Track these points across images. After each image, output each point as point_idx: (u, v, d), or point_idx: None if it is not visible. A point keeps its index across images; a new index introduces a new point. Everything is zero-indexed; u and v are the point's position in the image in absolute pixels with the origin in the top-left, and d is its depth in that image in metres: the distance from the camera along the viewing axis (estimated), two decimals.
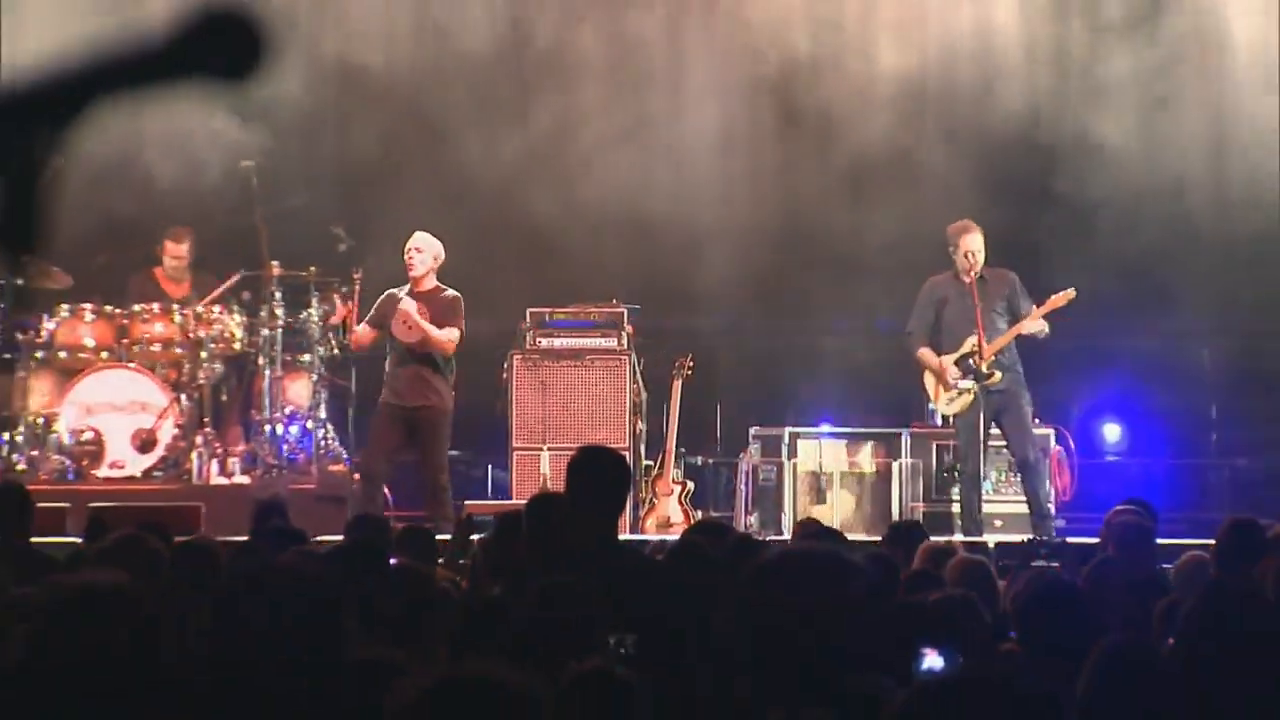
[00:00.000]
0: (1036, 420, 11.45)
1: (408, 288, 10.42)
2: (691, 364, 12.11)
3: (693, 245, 13.39)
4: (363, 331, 10.32)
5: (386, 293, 10.51)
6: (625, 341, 12.03)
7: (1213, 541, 6.88)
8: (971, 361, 10.97)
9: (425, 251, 10.44)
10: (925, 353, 11.20)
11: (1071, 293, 11.15)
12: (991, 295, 11.16)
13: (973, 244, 11.03)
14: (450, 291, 10.43)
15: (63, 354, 11.15)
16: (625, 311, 12.16)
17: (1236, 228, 13.54)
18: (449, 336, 10.02)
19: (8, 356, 10.92)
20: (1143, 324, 13.32)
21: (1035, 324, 11.13)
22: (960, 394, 11.09)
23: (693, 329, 13.29)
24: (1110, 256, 13.05)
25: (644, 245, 13.15)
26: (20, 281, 11.21)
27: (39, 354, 11.11)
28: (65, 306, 11.12)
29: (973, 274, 11.01)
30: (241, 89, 1.50)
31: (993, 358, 10.92)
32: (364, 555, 5.68)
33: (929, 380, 11.32)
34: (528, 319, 12.04)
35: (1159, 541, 7.84)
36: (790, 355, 13.93)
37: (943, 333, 11.21)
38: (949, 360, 11.06)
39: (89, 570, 4.86)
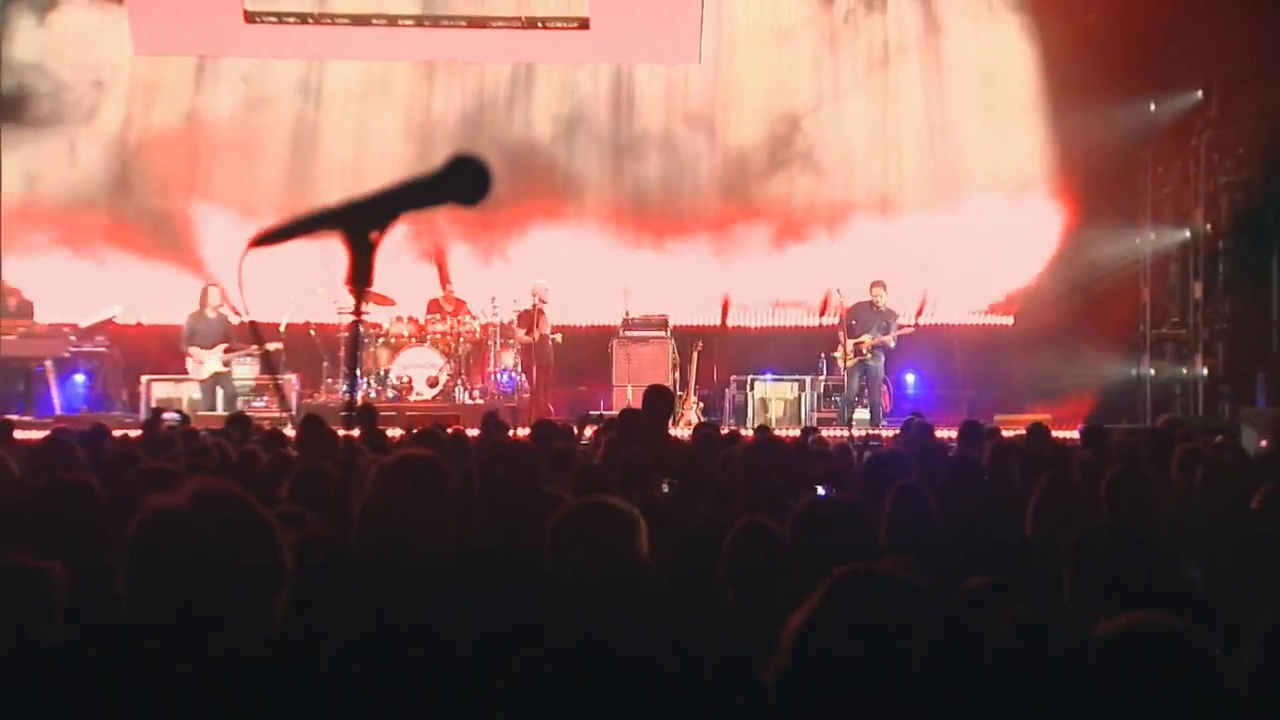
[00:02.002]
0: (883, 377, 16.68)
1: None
2: (700, 346, 16.82)
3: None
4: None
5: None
6: (667, 333, 17.04)
7: (956, 432, 10.62)
8: (859, 346, 15.95)
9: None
10: (843, 336, 16.25)
11: (887, 341, 15.95)
12: (878, 317, 16.02)
13: (879, 293, 16.06)
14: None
15: (392, 339, 16.18)
16: (668, 317, 17.19)
17: None
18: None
19: (365, 340, 15.10)
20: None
21: (888, 339, 15.97)
22: (853, 359, 16.05)
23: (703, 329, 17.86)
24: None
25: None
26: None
27: (380, 339, 16.12)
28: (393, 315, 16.31)
29: (876, 306, 16.02)
30: (477, 196, 2.26)
31: (868, 349, 15.89)
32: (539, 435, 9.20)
33: (839, 351, 16.27)
34: (620, 322, 17.07)
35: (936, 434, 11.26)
36: (749, 341, 18.08)
37: (856, 329, 16.02)
38: (850, 343, 16.04)
39: (407, 447, 6.90)
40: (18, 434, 10.58)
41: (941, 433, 11.88)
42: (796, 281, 18.11)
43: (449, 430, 9.78)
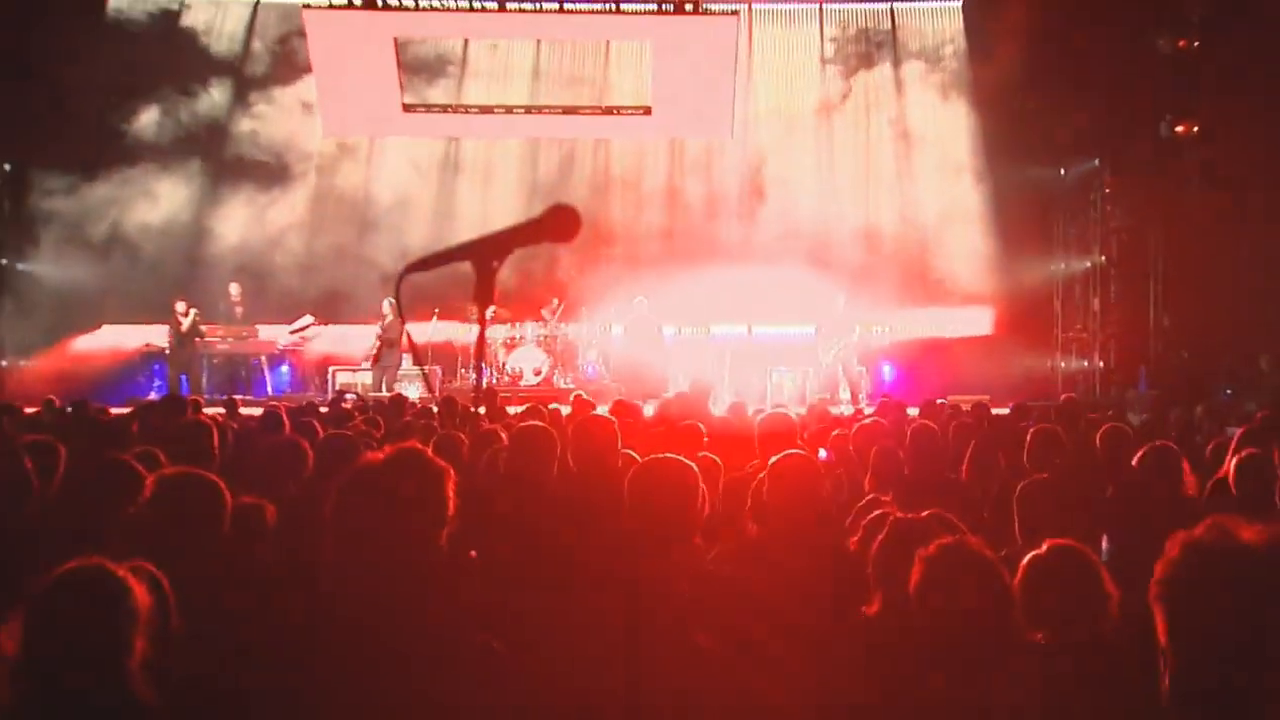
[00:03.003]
0: (861, 367, 16.36)
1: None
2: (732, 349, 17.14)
3: None
4: None
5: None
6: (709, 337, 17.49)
7: (919, 408, 10.35)
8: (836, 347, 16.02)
9: None
10: (820, 345, 16.22)
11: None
12: (841, 323, 15.98)
13: (840, 299, 16.21)
14: None
15: (508, 340, 16.59)
16: (709, 325, 17.52)
17: None
18: None
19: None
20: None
21: (848, 343, 15.97)
22: (830, 354, 16.06)
23: None
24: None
25: None
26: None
27: (499, 341, 16.37)
28: (510, 326, 16.73)
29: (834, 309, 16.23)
30: (569, 235, 2.32)
31: (834, 349, 15.82)
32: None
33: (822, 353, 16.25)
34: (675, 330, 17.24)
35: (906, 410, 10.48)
36: (768, 344, 17.72)
37: (828, 337, 16.02)
38: (824, 348, 16.07)
39: (525, 420, 7.05)
40: (242, 410, 10.87)
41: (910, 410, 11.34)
42: (801, 297, 17.54)
43: (549, 407, 9.74)
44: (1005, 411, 11.72)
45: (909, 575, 3.15)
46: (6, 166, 17.53)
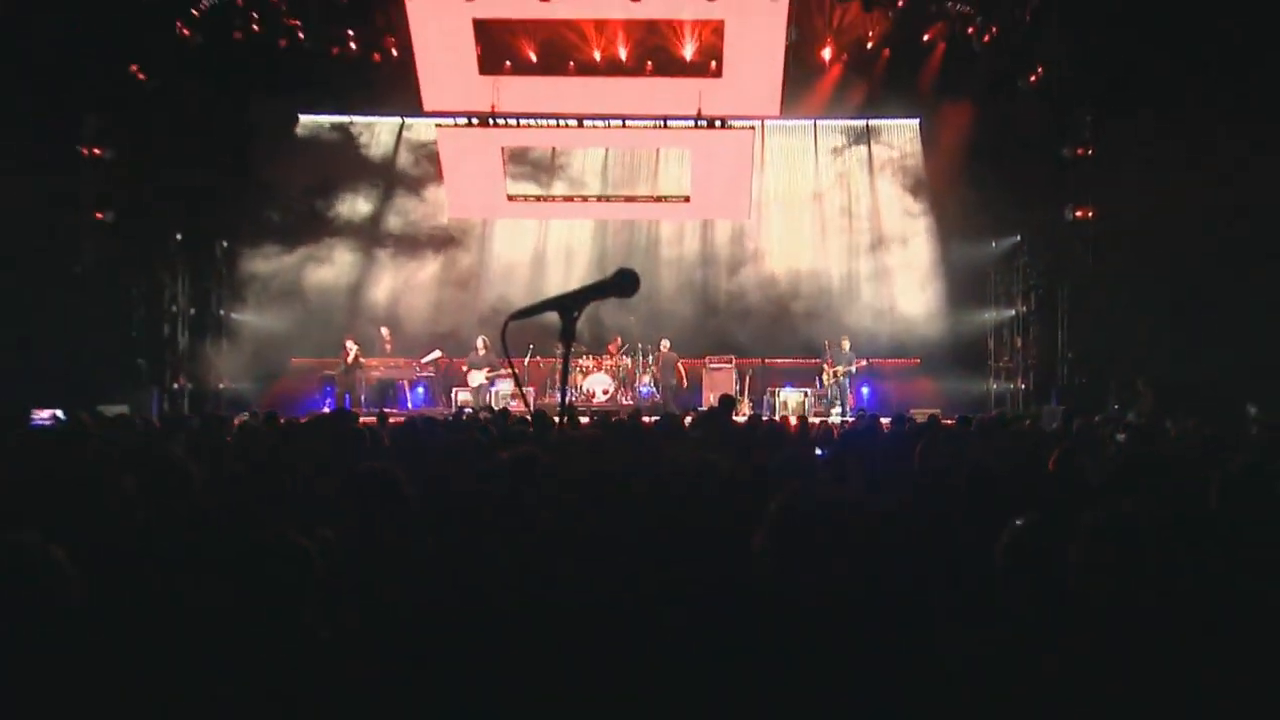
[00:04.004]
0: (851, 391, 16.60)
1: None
2: (751, 372, 16.92)
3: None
4: None
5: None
6: (732, 364, 17.18)
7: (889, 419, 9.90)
8: (835, 373, 16.77)
9: None
10: (827, 367, 16.93)
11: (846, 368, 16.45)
12: (845, 355, 16.79)
13: (845, 341, 16.89)
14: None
15: (583, 369, 16.66)
16: (733, 356, 17.32)
17: None
18: None
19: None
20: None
21: (851, 369, 16.53)
22: (831, 380, 16.86)
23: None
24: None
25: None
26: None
27: (576, 369, 16.42)
28: (585, 358, 16.80)
29: (843, 349, 16.78)
30: (632, 292, 2.25)
31: (841, 374, 16.73)
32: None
33: (825, 374, 16.95)
34: (706, 358, 17.17)
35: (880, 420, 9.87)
36: (777, 368, 17.78)
37: (834, 362, 16.79)
38: (830, 370, 16.90)
39: (593, 428, 7.16)
40: (391, 420, 10.93)
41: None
42: (803, 333, 18.03)
43: (613, 418, 10.14)
44: (951, 421, 11.34)
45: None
46: (225, 243, 17.88)
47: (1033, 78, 16.08)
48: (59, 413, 11.48)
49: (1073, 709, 2.32)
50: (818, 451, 6.80)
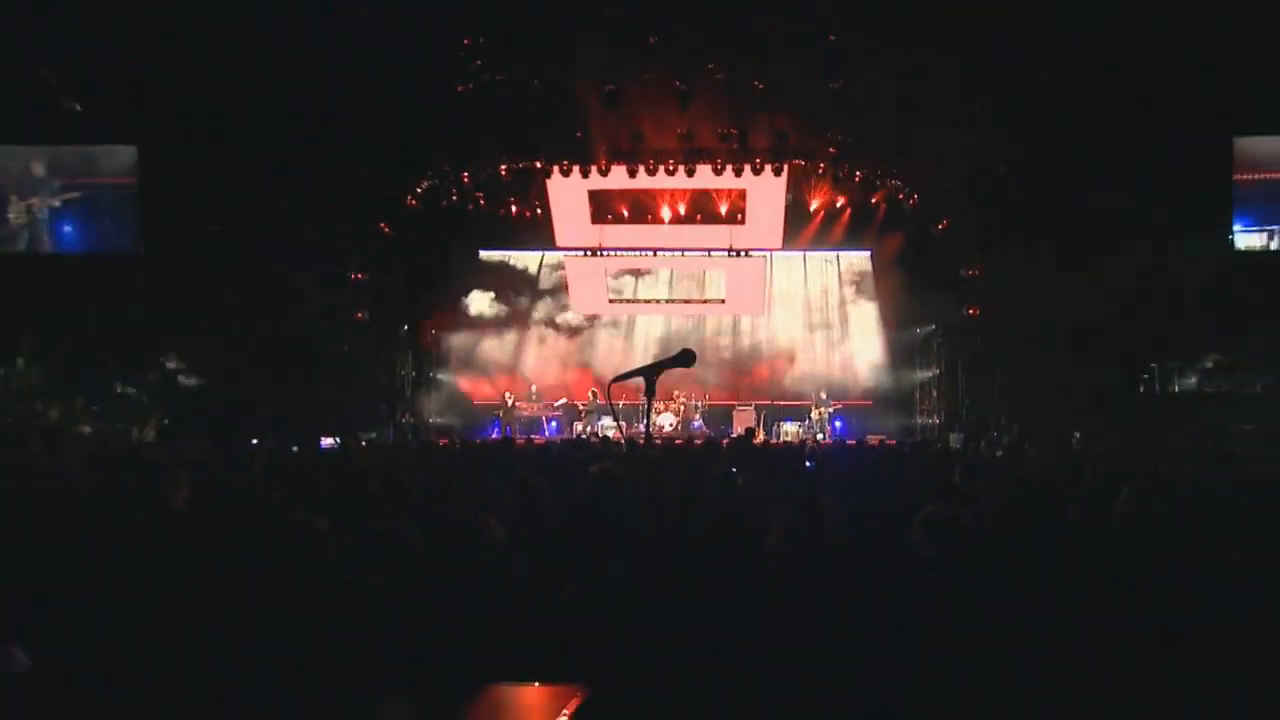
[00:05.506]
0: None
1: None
2: (764, 413, 17.31)
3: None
4: None
5: None
6: (752, 408, 17.62)
7: (853, 441, 13.22)
8: (819, 412, 16.91)
9: None
10: (813, 407, 16.88)
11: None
12: (825, 402, 17.00)
13: (821, 392, 16.89)
14: None
15: (655, 410, 16.60)
16: (753, 403, 17.62)
17: None
18: None
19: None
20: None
21: (828, 411, 16.75)
22: (817, 416, 16.92)
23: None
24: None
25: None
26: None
27: (652, 409, 14.74)
28: (658, 402, 16.36)
29: (824, 397, 17.05)
30: (691, 363, 2.28)
31: (824, 414, 16.89)
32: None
33: (814, 413, 17.00)
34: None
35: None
36: (780, 409, 17.92)
37: (818, 404, 16.77)
38: (815, 411, 17.09)
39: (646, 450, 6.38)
40: (537, 442, 11.18)
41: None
42: (797, 386, 18.50)
43: (677, 442, 11.12)
44: (893, 442, 12.49)
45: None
46: (434, 330, 18.90)
47: (941, 225, 16.75)
48: (336, 439, 12.76)
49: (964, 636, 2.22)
50: (807, 464, 7.01)
